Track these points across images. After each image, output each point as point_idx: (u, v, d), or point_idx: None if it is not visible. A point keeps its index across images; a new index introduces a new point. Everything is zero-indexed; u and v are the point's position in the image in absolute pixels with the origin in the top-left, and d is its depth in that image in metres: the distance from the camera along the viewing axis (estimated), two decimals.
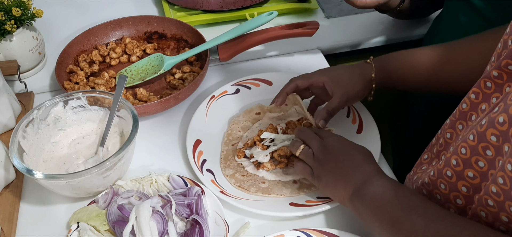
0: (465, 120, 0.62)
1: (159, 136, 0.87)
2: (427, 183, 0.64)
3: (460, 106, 0.62)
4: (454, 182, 0.59)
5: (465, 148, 0.56)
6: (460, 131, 0.63)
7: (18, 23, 0.93)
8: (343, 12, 1.17)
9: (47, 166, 0.76)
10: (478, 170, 0.55)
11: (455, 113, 0.64)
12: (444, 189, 0.61)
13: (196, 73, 0.96)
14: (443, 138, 0.66)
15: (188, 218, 0.68)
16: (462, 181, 0.57)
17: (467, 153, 0.56)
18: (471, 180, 0.56)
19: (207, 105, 0.89)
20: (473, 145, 0.55)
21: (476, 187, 0.56)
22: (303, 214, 0.71)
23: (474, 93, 0.60)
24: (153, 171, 0.77)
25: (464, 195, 0.58)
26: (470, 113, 0.61)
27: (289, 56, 1.05)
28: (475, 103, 0.60)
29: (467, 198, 0.58)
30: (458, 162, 0.57)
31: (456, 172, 0.58)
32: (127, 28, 1.06)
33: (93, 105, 0.81)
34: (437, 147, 0.68)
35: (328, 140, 0.70)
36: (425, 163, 0.70)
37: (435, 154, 0.68)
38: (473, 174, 0.56)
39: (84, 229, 0.67)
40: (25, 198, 0.76)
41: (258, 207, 0.72)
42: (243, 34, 0.97)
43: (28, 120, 0.75)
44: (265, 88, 0.93)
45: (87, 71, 0.97)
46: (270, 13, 0.96)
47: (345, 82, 0.79)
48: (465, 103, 0.61)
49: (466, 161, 0.56)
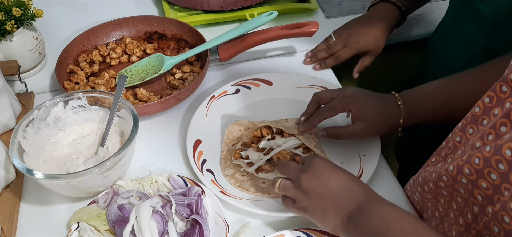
0: (476, 124, 0.60)
1: (159, 136, 0.87)
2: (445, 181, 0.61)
3: (473, 110, 0.61)
4: (470, 189, 0.57)
5: (479, 159, 0.54)
6: (470, 135, 0.61)
7: (18, 23, 0.93)
8: (343, 12, 1.17)
9: (47, 166, 0.76)
10: (491, 182, 0.53)
11: (467, 116, 0.62)
12: (463, 193, 0.59)
13: (196, 73, 0.96)
14: (452, 141, 0.65)
15: (188, 218, 0.68)
16: (477, 189, 0.56)
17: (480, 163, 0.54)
18: (485, 190, 0.55)
19: (207, 105, 0.89)
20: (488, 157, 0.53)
21: (489, 198, 0.54)
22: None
23: (488, 97, 0.58)
24: (153, 171, 0.77)
25: (479, 203, 0.57)
26: (482, 117, 0.59)
27: (289, 56, 1.05)
28: (488, 107, 0.58)
29: (481, 207, 0.56)
30: (472, 171, 0.55)
31: (471, 180, 0.56)
32: (127, 28, 1.06)
33: (93, 105, 0.81)
34: (446, 150, 0.66)
35: (308, 166, 0.65)
36: (432, 165, 0.69)
37: (443, 157, 0.67)
38: (486, 185, 0.54)
39: (84, 229, 0.67)
40: (25, 198, 0.76)
41: (258, 207, 0.72)
42: (243, 34, 0.97)
43: (28, 120, 0.75)
44: (265, 88, 0.94)
45: (87, 71, 0.97)
46: (270, 13, 0.96)
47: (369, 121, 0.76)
48: (478, 106, 0.60)
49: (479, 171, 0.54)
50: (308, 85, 0.93)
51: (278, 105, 0.91)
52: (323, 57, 1.00)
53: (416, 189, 0.71)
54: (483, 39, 0.83)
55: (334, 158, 0.79)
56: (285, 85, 0.93)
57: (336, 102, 0.77)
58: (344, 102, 0.77)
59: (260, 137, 0.83)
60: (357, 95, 0.77)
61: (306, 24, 0.98)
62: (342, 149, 0.81)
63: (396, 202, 0.76)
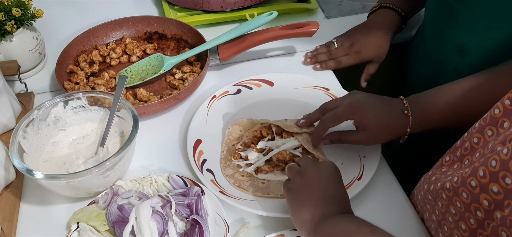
0: (496, 127, 0.59)
1: (159, 136, 0.87)
2: (448, 188, 0.61)
3: (492, 111, 0.59)
4: (477, 194, 0.56)
5: (496, 161, 0.53)
6: (489, 137, 0.60)
7: (18, 24, 0.93)
8: (343, 12, 1.17)
9: (47, 166, 0.76)
10: (503, 186, 0.52)
11: (485, 117, 0.61)
12: (466, 198, 0.58)
13: (196, 73, 0.96)
14: (468, 141, 0.63)
15: (188, 218, 0.68)
16: (485, 194, 0.55)
17: (497, 166, 0.53)
18: (494, 195, 0.54)
19: (208, 105, 0.89)
20: (505, 159, 0.52)
21: (497, 203, 0.53)
22: None
23: (509, 99, 0.57)
24: (153, 171, 0.77)
25: (485, 208, 0.56)
26: (503, 119, 0.58)
27: (289, 56, 1.05)
28: (509, 110, 0.57)
29: (487, 213, 0.56)
30: (486, 174, 0.54)
31: (481, 184, 0.55)
32: (127, 28, 1.06)
33: (93, 105, 0.81)
34: (462, 150, 0.65)
35: (306, 170, 0.66)
36: (446, 165, 0.68)
37: (458, 157, 0.65)
38: (497, 189, 0.53)
39: (84, 230, 0.67)
40: (25, 198, 0.76)
41: (258, 207, 0.72)
42: (243, 34, 0.97)
43: (28, 120, 0.75)
44: (267, 88, 0.93)
45: (87, 71, 0.97)
46: (270, 13, 0.96)
47: (374, 130, 0.74)
48: (497, 108, 0.58)
49: (494, 174, 0.53)
50: (310, 86, 0.93)
51: (280, 106, 0.91)
52: (323, 60, 1.00)
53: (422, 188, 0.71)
54: (456, 36, 0.83)
55: (335, 159, 0.79)
56: (286, 85, 0.93)
57: (341, 110, 0.75)
58: (349, 111, 0.75)
59: (260, 137, 0.83)
60: (363, 103, 0.75)
61: (306, 24, 0.98)
62: (342, 150, 0.81)
63: (396, 203, 0.77)
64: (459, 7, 0.81)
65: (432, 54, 0.91)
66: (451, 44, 0.85)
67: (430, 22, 0.93)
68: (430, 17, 0.93)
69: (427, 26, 0.95)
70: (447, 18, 0.85)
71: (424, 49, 0.95)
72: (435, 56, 0.90)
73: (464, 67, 0.78)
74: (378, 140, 0.77)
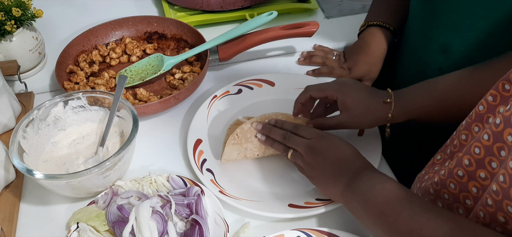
0: (482, 122, 0.61)
1: (159, 136, 0.87)
2: (436, 182, 0.63)
3: (477, 108, 0.61)
4: (465, 182, 0.58)
5: (479, 148, 0.55)
6: (476, 133, 0.61)
7: (18, 23, 0.93)
8: (343, 12, 1.17)
9: (47, 166, 0.76)
10: (490, 171, 0.54)
11: (471, 114, 0.63)
12: (453, 189, 0.60)
13: (196, 73, 0.96)
14: (457, 139, 0.65)
15: (187, 218, 0.68)
16: (473, 181, 0.57)
17: (481, 153, 0.55)
18: (482, 181, 0.55)
19: (209, 104, 0.89)
20: (488, 145, 0.54)
21: (485, 188, 0.55)
22: (302, 216, 0.71)
23: (491, 96, 0.59)
24: (153, 171, 0.77)
25: (473, 196, 0.57)
26: (487, 115, 0.60)
27: (289, 56, 1.05)
28: (492, 106, 0.59)
29: (476, 199, 0.57)
30: (471, 162, 0.56)
31: (468, 172, 0.57)
32: (127, 28, 1.06)
33: (93, 105, 0.81)
34: (451, 148, 0.67)
35: (315, 142, 0.70)
36: (438, 163, 0.70)
37: (449, 155, 0.67)
38: (485, 175, 0.55)
39: (83, 230, 0.67)
40: (25, 198, 0.76)
41: (258, 207, 0.72)
42: (243, 34, 0.97)
43: (28, 120, 0.75)
44: (268, 88, 0.93)
45: (87, 71, 0.97)
46: (270, 13, 0.96)
47: (356, 112, 0.76)
48: (482, 105, 0.60)
49: (479, 161, 0.55)
50: None
51: (280, 106, 0.90)
52: (318, 63, 1.00)
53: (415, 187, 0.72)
54: (440, 37, 0.83)
55: None
56: (287, 86, 0.93)
57: (326, 85, 0.79)
58: (333, 87, 0.77)
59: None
60: (348, 85, 0.78)
61: (306, 24, 0.98)
62: None
63: None
64: (442, 7, 0.81)
65: (417, 53, 0.92)
66: (435, 44, 0.85)
67: (414, 22, 0.93)
68: (413, 17, 0.93)
69: (411, 26, 0.95)
70: (431, 18, 0.85)
71: (409, 49, 0.95)
72: (420, 55, 0.90)
73: (449, 68, 0.79)
74: (360, 123, 0.78)
